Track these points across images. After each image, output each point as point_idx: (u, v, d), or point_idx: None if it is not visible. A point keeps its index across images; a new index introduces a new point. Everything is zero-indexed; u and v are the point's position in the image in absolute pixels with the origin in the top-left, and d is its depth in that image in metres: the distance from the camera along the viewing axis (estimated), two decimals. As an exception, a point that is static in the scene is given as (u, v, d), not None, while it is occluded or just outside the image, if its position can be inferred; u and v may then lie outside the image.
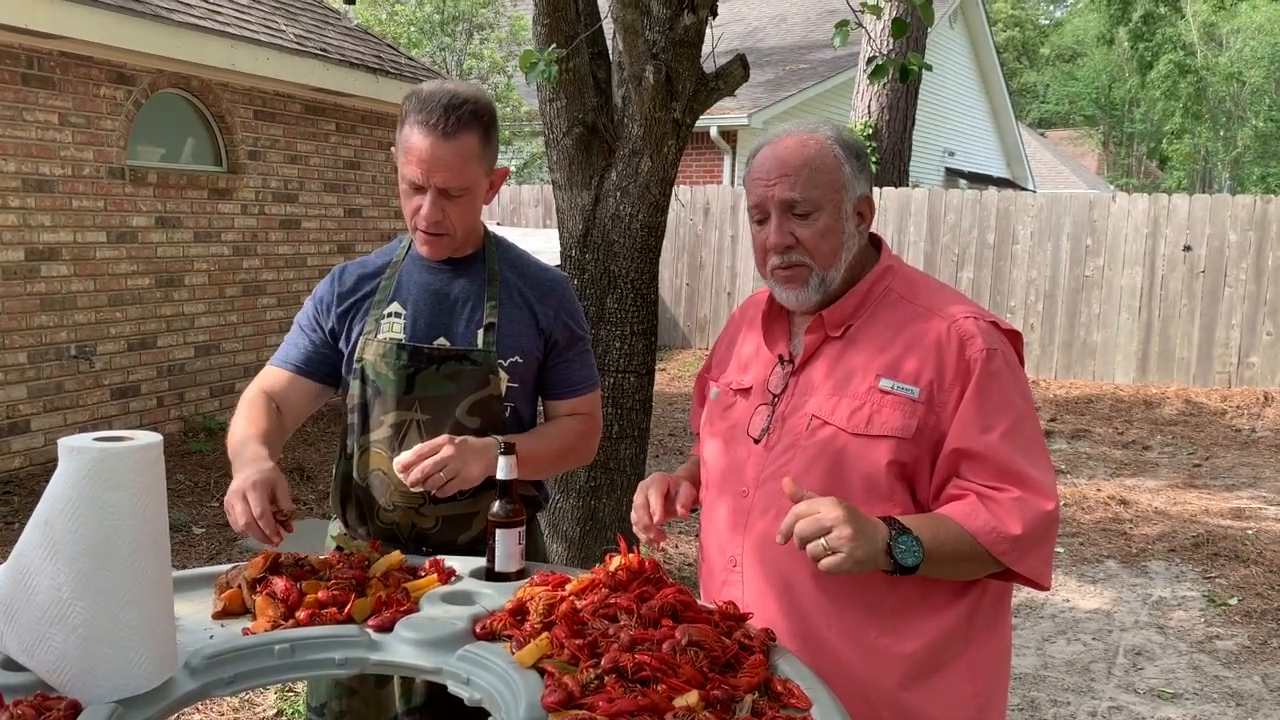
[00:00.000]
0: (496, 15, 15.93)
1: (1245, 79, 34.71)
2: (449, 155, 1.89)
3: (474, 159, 1.93)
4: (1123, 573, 5.34)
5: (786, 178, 1.64)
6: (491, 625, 1.57)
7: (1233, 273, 10.08)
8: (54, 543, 1.35)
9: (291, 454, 7.00)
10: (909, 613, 1.61)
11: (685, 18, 3.62)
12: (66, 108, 6.29)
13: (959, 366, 1.58)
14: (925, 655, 1.61)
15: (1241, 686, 4.01)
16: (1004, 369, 1.60)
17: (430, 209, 1.93)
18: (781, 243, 1.65)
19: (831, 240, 1.66)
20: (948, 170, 19.52)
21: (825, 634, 1.62)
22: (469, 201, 1.97)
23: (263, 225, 7.97)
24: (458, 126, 1.89)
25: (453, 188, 1.92)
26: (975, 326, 1.62)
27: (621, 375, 4.03)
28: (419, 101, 1.92)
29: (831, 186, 1.66)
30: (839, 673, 1.59)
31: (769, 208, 1.66)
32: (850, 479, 1.60)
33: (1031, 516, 1.53)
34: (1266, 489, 6.96)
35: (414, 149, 1.90)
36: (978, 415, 1.56)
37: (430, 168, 1.90)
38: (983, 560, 1.54)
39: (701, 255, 12.38)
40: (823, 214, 1.65)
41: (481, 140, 1.94)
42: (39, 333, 6.23)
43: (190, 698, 1.44)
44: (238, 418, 2.00)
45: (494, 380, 2.01)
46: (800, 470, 1.63)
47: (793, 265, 1.66)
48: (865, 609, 1.61)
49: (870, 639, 1.61)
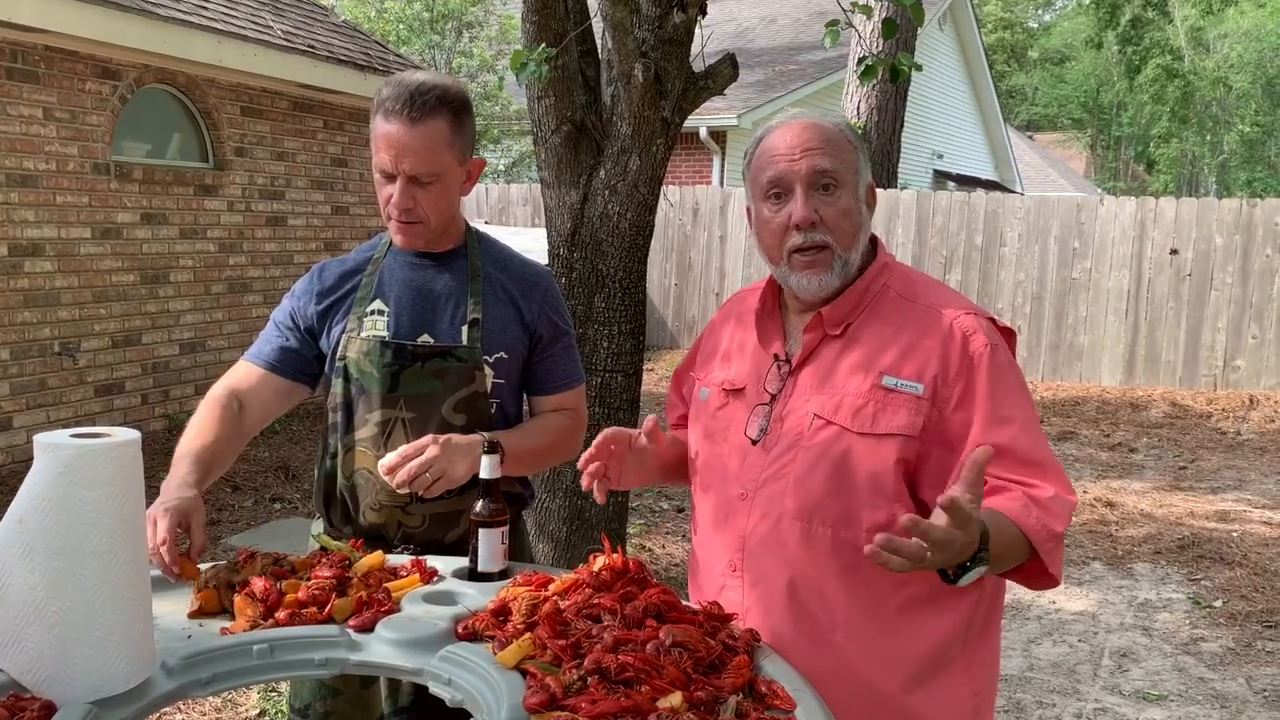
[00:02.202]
0: (486, 13, 15.92)
1: (1232, 84, 34.90)
2: (416, 141, 1.88)
3: (443, 145, 1.92)
4: (1108, 575, 5.35)
5: (813, 150, 1.62)
6: (474, 625, 1.55)
7: (1219, 276, 10.13)
8: (29, 541, 1.33)
9: (277, 452, 6.97)
10: (915, 614, 1.59)
11: (675, 16, 3.61)
12: (51, 102, 6.24)
13: (962, 362, 1.57)
14: (929, 657, 1.59)
15: (1226, 688, 4.02)
16: (1008, 363, 1.60)
17: (400, 196, 1.91)
18: (808, 216, 1.61)
19: (852, 220, 1.64)
20: (936, 172, 19.56)
21: (831, 636, 1.60)
22: (441, 189, 1.95)
23: (249, 222, 7.93)
24: (424, 112, 1.88)
25: (422, 174, 1.91)
26: (976, 322, 1.61)
27: (609, 375, 4.01)
28: (387, 90, 1.92)
29: (851, 166, 1.65)
30: (845, 675, 1.57)
31: (793, 182, 1.62)
32: (856, 479, 1.57)
33: (1068, 514, 1.52)
34: (1251, 491, 6.98)
35: (382, 136, 1.90)
36: (994, 409, 1.55)
37: (398, 154, 1.89)
38: (1017, 557, 1.49)
39: (690, 255, 12.38)
40: (845, 191, 1.63)
41: (451, 126, 1.93)
42: (22, 329, 6.18)
43: (167, 698, 1.42)
44: (192, 422, 1.97)
45: (479, 377, 1.99)
46: (803, 471, 1.61)
47: (816, 246, 1.62)
48: (872, 611, 1.59)
49: (876, 641, 1.59)
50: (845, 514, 1.58)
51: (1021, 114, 44.37)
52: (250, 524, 5.61)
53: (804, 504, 1.60)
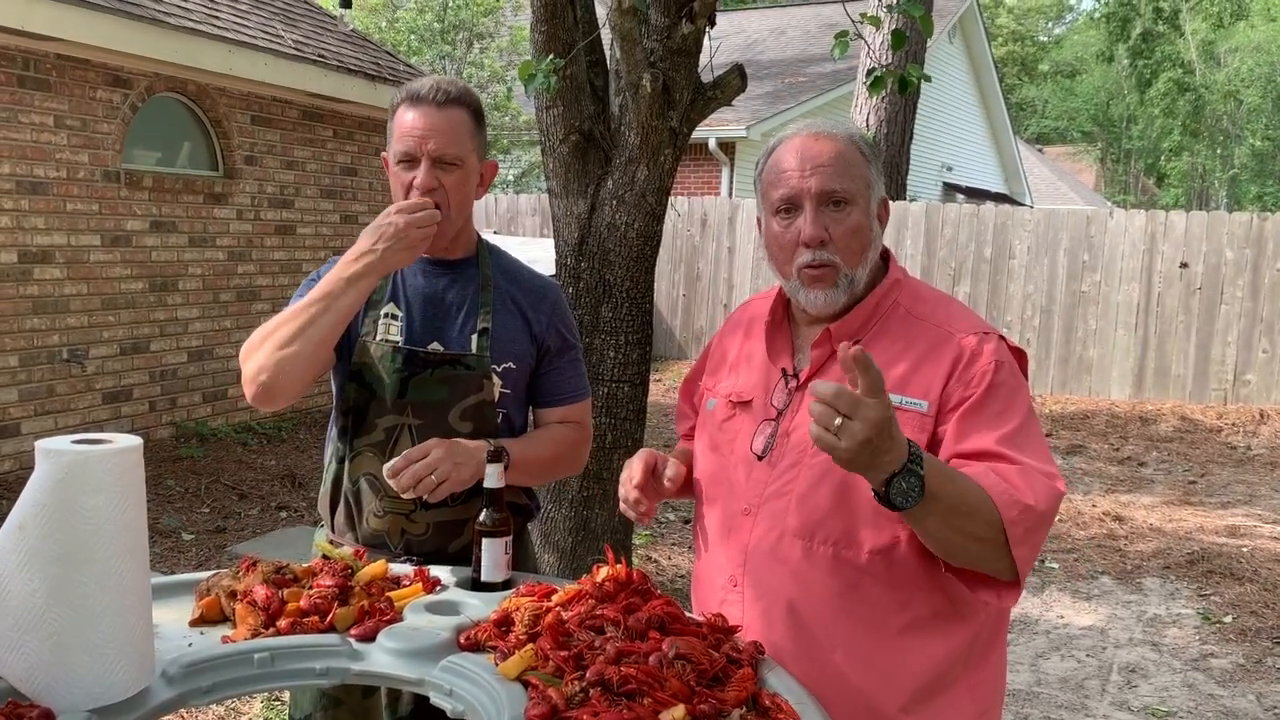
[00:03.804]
0: (497, 24, 15.96)
1: (1242, 97, 34.85)
2: (441, 122, 1.92)
3: (466, 132, 1.95)
4: (1117, 589, 5.32)
5: (822, 168, 1.61)
6: (476, 636, 1.54)
7: (1229, 290, 10.08)
8: (28, 547, 1.32)
9: (283, 460, 6.97)
10: (917, 635, 1.57)
11: (683, 26, 3.61)
12: (62, 110, 6.27)
13: (967, 380, 1.55)
14: (930, 677, 1.57)
15: (1236, 705, 3.98)
16: (1009, 379, 1.57)
17: (425, 176, 1.91)
18: (817, 235, 1.60)
19: (861, 238, 1.63)
20: (945, 185, 19.55)
21: (831, 655, 1.58)
22: (462, 177, 1.96)
23: (258, 230, 7.95)
24: (449, 99, 1.94)
25: (446, 155, 1.92)
26: (983, 342, 1.59)
27: (616, 385, 4.00)
28: (408, 87, 1.97)
29: (862, 181, 1.63)
30: (845, 694, 1.56)
31: (802, 200, 1.61)
32: (859, 496, 1.55)
33: (1044, 491, 1.46)
34: (1261, 506, 6.94)
35: (406, 122, 1.93)
36: (979, 421, 1.53)
37: (424, 135, 1.91)
38: (981, 522, 1.42)
39: (698, 266, 12.37)
40: (855, 208, 1.62)
41: (473, 120, 1.97)
42: (31, 335, 6.20)
43: (167, 707, 1.41)
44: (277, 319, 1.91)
45: (487, 386, 1.99)
46: (807, 488, 1.59)
47: (823, 264, 1.61)
48: (873, 629, 1.57)
49: (878, 659, 1.57)
50: (847, 533, 1.57)
51: (1031, 127, 44.35)
52: (256, 532, 5.60)
53: (806, 521, 1.59)
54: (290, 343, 1.85)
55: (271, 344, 1.87)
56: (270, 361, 1.86)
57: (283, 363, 1.85)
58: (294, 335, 1.84)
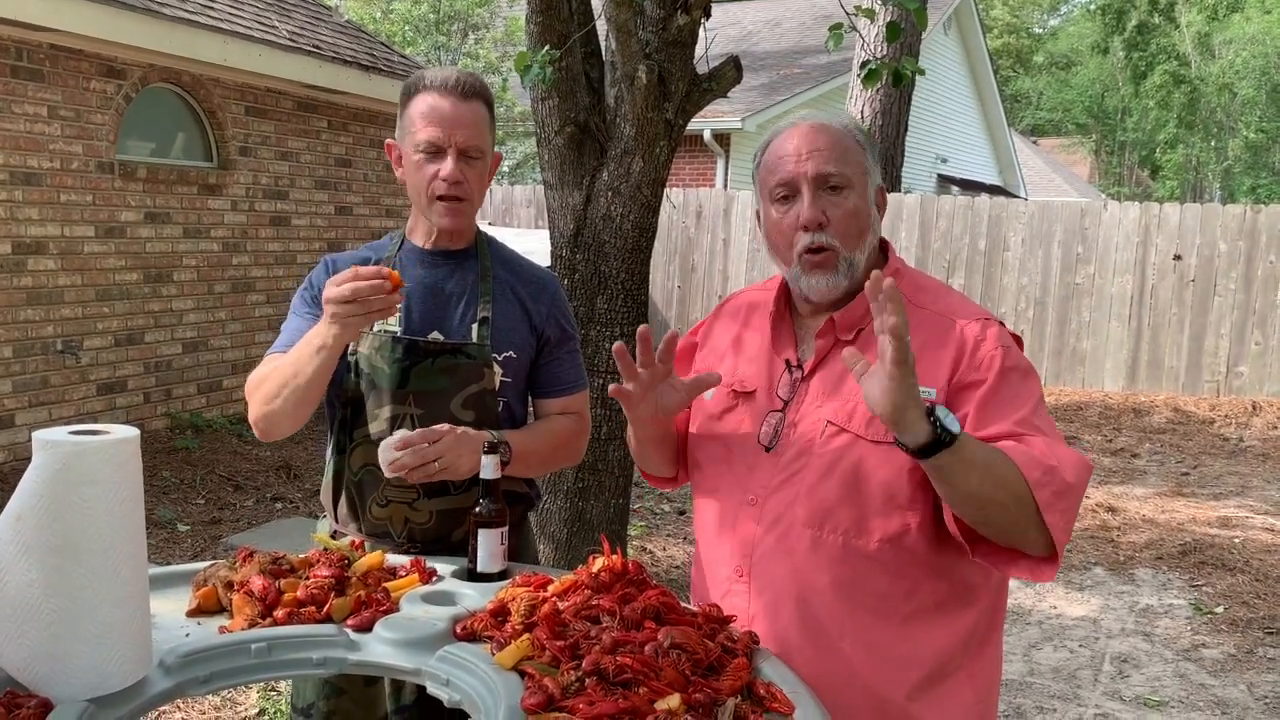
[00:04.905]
0: (492, 15, 15.91)
1: (1237, 90, 34.88)
2: (467, 115, 1.95)
3: (486, 126, 2.00)
4: (1110, 580, 5.34)
5: (819, 152, 1.62)
6: (472, 626, 1.55)
7: (1222, 282, 10.11)
8: (26, 538, 1.32)
9: (278, 452, 6.97)
10: (922, 622, 1.58)
11: (679, 18, 3.61)
12: (56, 101, 6.25)
13: (974, 365, 1.56)
14: (934, 664, 1.58)
15: (1227, 695, 4.01)
16: (1018, 365, 1.58)
17: (452, 168, 1.94)
18: (815, 218, 1.61)
19: (859, 221, 1.64)
20: (940, 176, 19.55)
21: (839, 643, 1.58)
22: (483, 169, 2.01)
23: (253, 222, 7.93)
24: (470, 92, 1.97)
25: (473, 148, 1.96)
26: (986, 327, 1.60)
27: (611, 376, 4.01)
28: (429, 75, 1.99)
29: (859, 167, 1.65)
30: (854, 683, 1.56)
31: (800, 184, 1.63)
32: (869, 487, 1.56)
33: (1070, 459, 1.46)
34: (1253, 498, 6.97)
35: (431, 112, 1.94)
36: (996, 406, 1.53)
37: (452, 127, 1.93)
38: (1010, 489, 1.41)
39: (693, 258, 12.37)
40: (852, 193, 1.63)
41: (489, 113, 2.01)
42: (25, 326, 6.19)
43: (164, 697, 1.42)
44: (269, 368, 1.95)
45: (489, 374, 2.00)
46: (815, 479, 1.60)
47: (823, 248, 1.62)
48: (880, 618, 1.58)
49: (885, 648, 1.58)
50: (857, 522, 1.57)
51: (1026, 119, 44.35)
52: (251, 523, 5.60)
53: (815, 511, 1.59)
54: (274, 399, 1.91)
55: (259, 398, 1.95)
56: (259, 414, 1.96)
57: (270, 415, 1.94)
58: (275, 393, 1.91)
